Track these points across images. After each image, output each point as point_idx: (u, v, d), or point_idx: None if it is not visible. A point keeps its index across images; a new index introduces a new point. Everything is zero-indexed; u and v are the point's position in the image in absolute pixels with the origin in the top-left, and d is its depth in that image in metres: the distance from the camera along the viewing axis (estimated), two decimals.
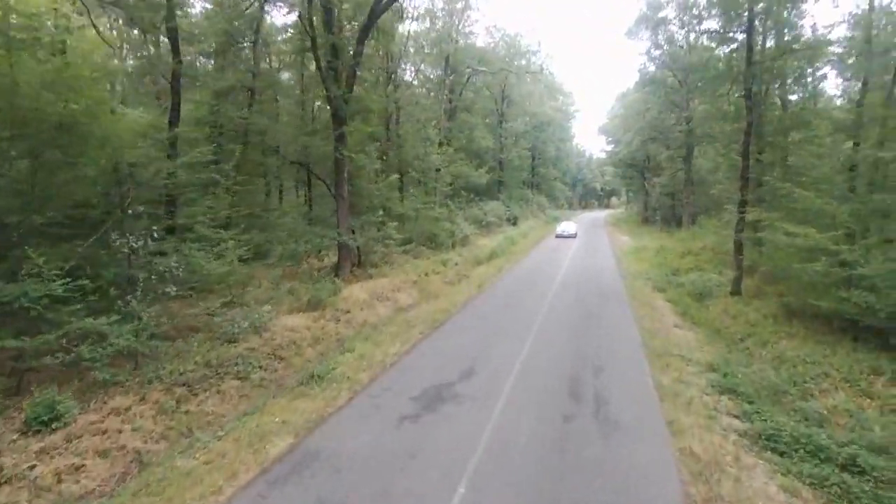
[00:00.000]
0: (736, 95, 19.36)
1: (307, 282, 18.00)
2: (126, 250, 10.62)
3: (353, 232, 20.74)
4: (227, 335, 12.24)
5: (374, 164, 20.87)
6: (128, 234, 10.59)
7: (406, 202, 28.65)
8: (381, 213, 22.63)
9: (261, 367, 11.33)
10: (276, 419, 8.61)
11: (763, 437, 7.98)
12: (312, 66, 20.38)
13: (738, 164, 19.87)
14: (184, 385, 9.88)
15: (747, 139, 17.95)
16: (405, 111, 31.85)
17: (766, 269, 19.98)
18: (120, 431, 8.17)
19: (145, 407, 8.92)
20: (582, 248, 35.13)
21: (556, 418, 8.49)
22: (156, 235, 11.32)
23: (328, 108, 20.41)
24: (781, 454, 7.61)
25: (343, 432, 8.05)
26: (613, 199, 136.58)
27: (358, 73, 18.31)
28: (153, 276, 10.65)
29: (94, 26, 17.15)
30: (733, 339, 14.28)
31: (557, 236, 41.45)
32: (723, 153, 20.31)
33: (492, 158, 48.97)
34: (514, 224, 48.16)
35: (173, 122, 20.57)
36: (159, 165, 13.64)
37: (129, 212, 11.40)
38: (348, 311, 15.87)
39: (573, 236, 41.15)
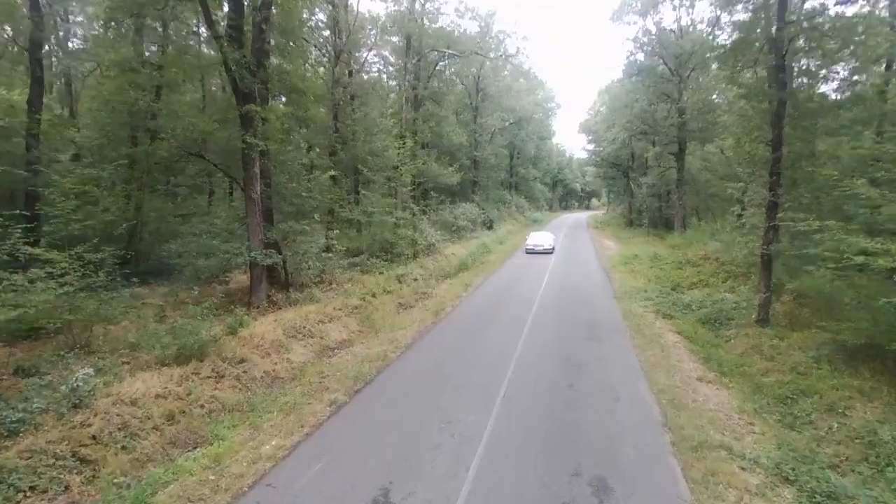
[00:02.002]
0: (757, 72, 15.29)
1: (208, 314, 13.40)
2: None
3: (276, 244, 16.14)
4: (5, 424, 7.57)
5: (301, 156, 16.24)
6: None
7: (359, 205, 24.13)
8: (316, 218, 18.07)
9: (33, 489, 6.69)
10: None
11: None
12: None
13: (763, 157, 15.84)
14: None
15: (779, 123, 13.83)
16: (361, 99, 27.31)
17: (794, 287, 15.93)
18: None
19: None
20: (564, 256, 30.90)
21: None
22: None
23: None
24: None
25: None
26: (594, 201, 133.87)
27: (266, 30, 13.63)
28: None
29: None
30: (782, 399, 10.04)
31: (528, 252, 31.94)
32: (747, 141, 16.20)
33: (465, 156, 44.64)
34: (490, 228, 43.90)
35: (33, 103, 15.92)
36: None
37: None
38: (242, 361, 11.24)
39: (549, 252, 31.41)
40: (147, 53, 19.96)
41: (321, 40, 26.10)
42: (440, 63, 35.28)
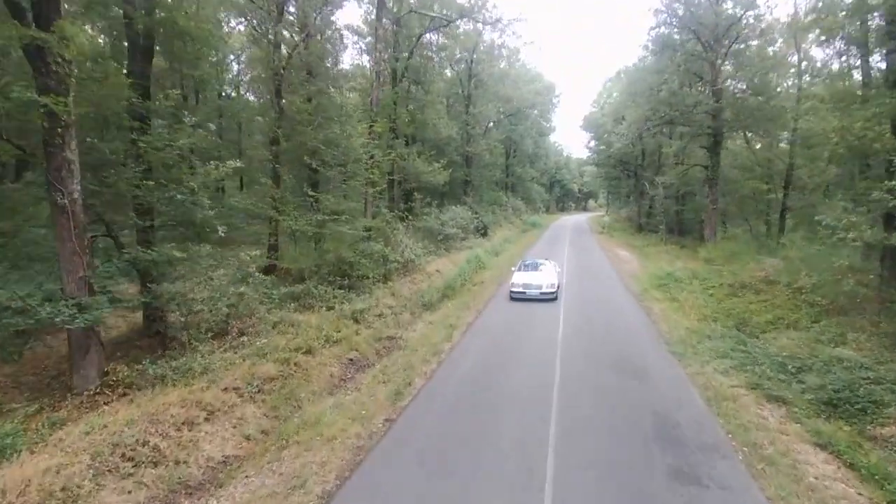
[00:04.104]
0: None
1: None
2: None
3: (149, 284, 9.84)
4: None
5: (179, 138, 9.83)
6: None
7: (318, 211, 17.73)
8: (221, 233, 11.68)
9: None
10: None
11: None
12: None
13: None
14: None
15: None
16: (322, 76, 20.97)
17: None
18: None
19: None
20: (577, 273, 24.59)
21: None
22: None
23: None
24: None
25: None
26: (591, 202, 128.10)
27: None
28: None
29: None
30: None
31: (514, 296, 18.63)
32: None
33: (455, 152, 38.39)
34: (485, 235, 37.61)
35: None
36: None
37: None
38: None
39: (550, 296, 18.24)
40: None
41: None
42: (425, 36, 28.92)
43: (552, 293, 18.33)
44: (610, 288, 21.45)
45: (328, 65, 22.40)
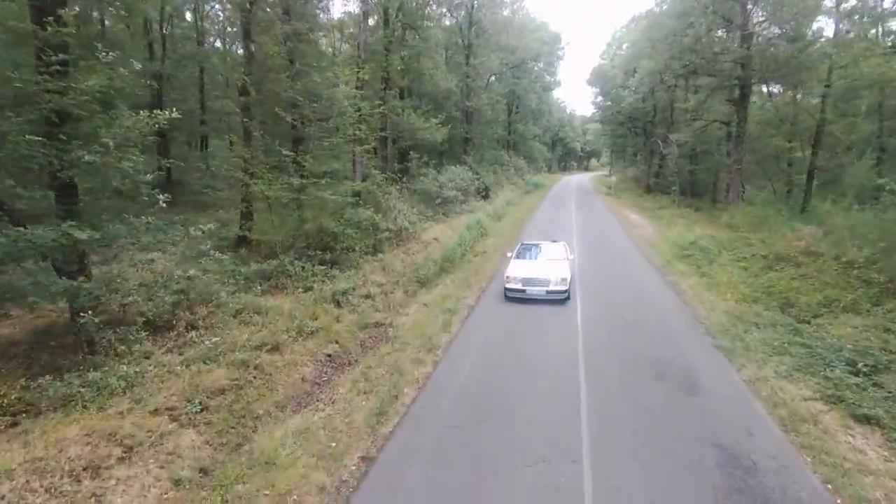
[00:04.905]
0: None
1: None
2: None
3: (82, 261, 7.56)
4: None
5: (87, 80, 7.29)
6: None
7: (280, 177, 15.15)
8: (164, 202, 9.25)
9: None
10: None
11: None
12: None
13: None
14: None
15: None
16: (304, 21, 18.01)
17: None
18: None
19: None
20: (590, 245, 22.27)
21: None
22: None
23: None
24: None
25: None
26: (593, 161, 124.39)
27: None
28: None
29: None
30: None
31: (510, 295, 13.40)
32: None
33: (454, 107, 35.42)
34: (486, 197, 35.08)
35: None
36: None
37: None
38: None
39: (560, 296, 12.99)
40: None
41: None
42: None
43: (563, 291, 13.05)
44: (627, 258, 19.18)
45: (315, 5, 19.44)
